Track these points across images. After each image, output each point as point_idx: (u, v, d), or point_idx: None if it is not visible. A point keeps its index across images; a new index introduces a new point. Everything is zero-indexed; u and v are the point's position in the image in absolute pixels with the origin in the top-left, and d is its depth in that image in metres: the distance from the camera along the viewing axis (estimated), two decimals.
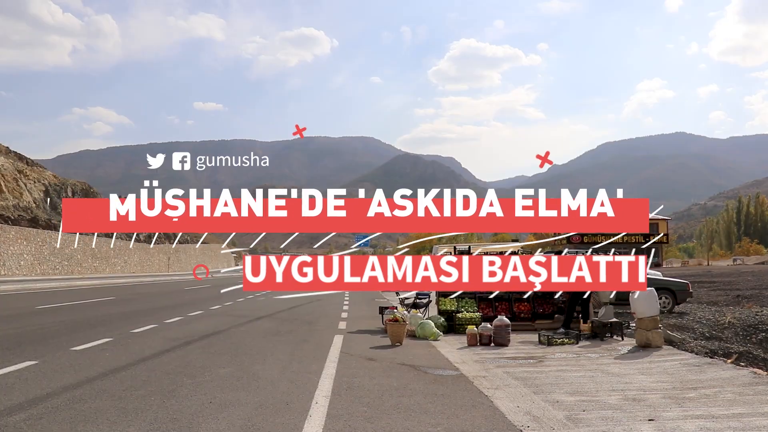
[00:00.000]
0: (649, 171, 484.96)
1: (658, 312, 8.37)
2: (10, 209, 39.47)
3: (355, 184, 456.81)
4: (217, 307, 14.48)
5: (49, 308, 13.52)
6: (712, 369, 6.57)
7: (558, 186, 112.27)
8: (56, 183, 51.49)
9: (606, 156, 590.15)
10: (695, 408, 4.78)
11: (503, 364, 7.01)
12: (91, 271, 39.24)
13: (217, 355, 7.32)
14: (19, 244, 32.21)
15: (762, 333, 9.00)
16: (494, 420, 4.43)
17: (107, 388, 5.31)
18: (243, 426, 4.20)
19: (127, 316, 12.04)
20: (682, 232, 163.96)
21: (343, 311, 14.60)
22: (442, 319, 10.08)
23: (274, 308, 15.00)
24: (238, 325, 10.83)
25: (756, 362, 7.15)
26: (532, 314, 10.62)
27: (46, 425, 4.14)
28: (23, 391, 5.13)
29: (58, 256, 36.08)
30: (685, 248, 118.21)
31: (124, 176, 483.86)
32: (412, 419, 4.39)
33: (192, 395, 5.08)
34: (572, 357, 7.52)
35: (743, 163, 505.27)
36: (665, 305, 13.08)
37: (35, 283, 25.28)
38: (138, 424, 4.20)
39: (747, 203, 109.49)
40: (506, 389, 5.50)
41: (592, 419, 4.47)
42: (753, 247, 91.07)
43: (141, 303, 15.57)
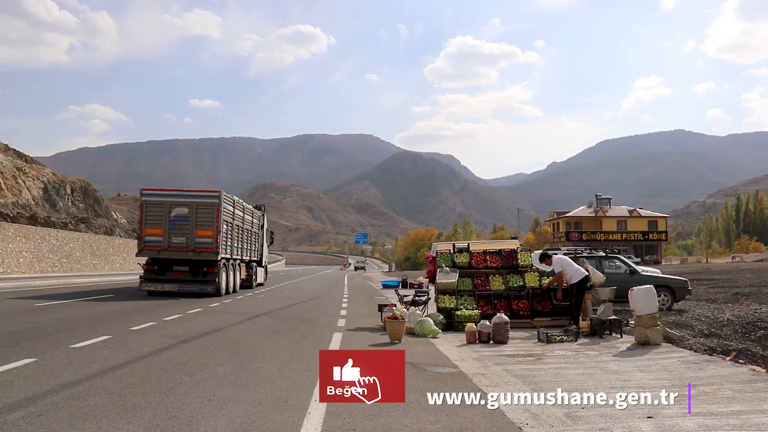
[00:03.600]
0: (648, 169, 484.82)
1: (657, 309, 8.38)
2: (9, 206, 39.43)
3: (355, 181, 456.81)
4: (216, 305, 14.48)
5: (48, 306, 13.52)
6: (711, 366, 6.58)
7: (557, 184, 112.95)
8: (55, 180, 51.41)
9: (605, 154, 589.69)
10: (694, 405, 4.78)
11: (502, 361, 7.01)
12: (90, 269, 39.21)
13: (216, 352, 7.32)
14: (18, 242, 32.19)
15: (761, 330, 9.01)
16: (493, 417, 4.43)
17: (106, 385, 5.31)
18: (242, 423, 4.20)
19: (126, 313, 12.04)
20: (681, 229, 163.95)
21: (342, 309, 14.60)
22: (441, 317, 10.08)
23: (274, 306, 15.01)
24: (237, 322, 10.83)
25: (755, 359, 7.16)
26: (532, 312, 10.62)
27: (45, 422, 4.14)
28: (22, 388, 5.12)
29: (57, 253, 36.05)
30: (684, 246, 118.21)
31: (124, 174, 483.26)
32: (410, 417, 4.40)
33: (191, 393, 5.08)
34: (571, 354, 7.53)
35: (742, 160, 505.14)
36: (664, 303, 13.09)
37: (34, 280, 25.26)
38: (137, 422, 4.20)
39: (746, 201, 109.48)
40: (505, 386, 5.50)
41: (591, 417, 4.47)
42: (752, 244, 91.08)
43: (140, 300, 15.57)
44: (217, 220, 17.54)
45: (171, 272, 17.53)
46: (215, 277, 17.60)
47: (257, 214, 24.46)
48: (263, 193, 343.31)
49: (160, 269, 17.55)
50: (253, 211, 23.51)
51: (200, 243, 17.45)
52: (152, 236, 17.45)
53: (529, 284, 10.91)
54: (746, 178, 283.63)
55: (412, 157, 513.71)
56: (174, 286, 17.38)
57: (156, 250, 17.38)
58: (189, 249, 17.41)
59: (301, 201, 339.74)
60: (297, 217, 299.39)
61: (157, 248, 17.36)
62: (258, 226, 24.42)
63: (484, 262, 11.44)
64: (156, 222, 17.46)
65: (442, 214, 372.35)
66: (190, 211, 17.53)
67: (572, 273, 10.05)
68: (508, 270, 11.37)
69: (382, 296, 20.29)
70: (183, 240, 17.40)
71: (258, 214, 24.58)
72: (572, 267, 10.14)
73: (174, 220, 17.47)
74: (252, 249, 23.04)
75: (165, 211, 17.48)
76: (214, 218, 17.56)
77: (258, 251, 24.42)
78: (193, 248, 17.40)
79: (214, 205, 17.71)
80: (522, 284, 10.93)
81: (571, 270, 10.08)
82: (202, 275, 17.51)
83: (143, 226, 17.72)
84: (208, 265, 17.56)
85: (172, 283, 17.43)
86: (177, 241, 17.37)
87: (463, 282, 11.03)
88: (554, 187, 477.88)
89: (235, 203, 20.13)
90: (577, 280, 9.99)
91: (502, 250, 11.76)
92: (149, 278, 17.58)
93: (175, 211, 17.53)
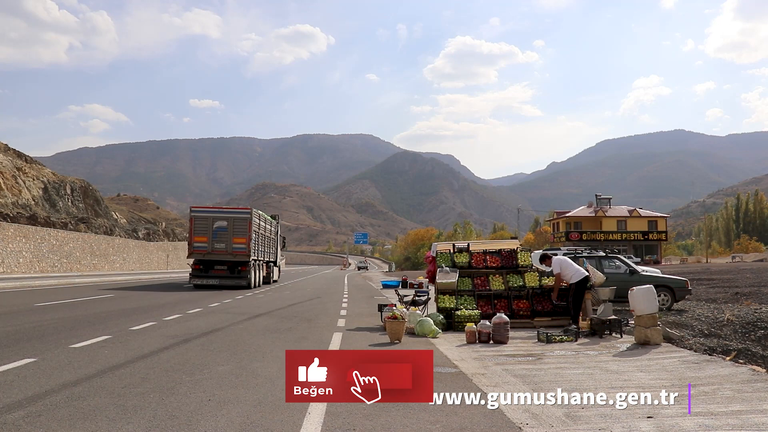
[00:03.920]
0: (648, 168, 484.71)
1: (657, 309, 8.38)
2: (8, 206, 39.42)
3: (355, 181, 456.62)
4: (216, 305, 14.48)
5: (48, 305, 13.51)
6: (711, 366, 6.58)
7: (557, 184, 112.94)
8: (55, 180, 51.39)
9: (604, 153, 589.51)
10: (694, 405, 4.78)
11: (502, 361, 7.01)
12: (90, 269, 39.21)
13: (216, 352, 7.31)
14: (18, 242, 32.18)
15: (761, 330, 9.02)
16: (493, 417, 4.43)
17: (106, 385, 5.31)
18: (242, 423, 4.20)
19: (126, 313, 12.03)
20: (681, 229, 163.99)
21: (342, 309, 14.60)
22: (441, 317, 10.08)
23: (273, 306, 15.01)
24: (237, 322, 10.82)
25: (755, 359, 7.17)
26: (531, 312, 10.63)
27: (45, 422, 4.14)
28: (22, 388, 5.12)
29: (57, 253, 36.05)
30: (684, 245, 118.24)
31: (124, 174, 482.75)
32: (410, 416, 4.40)
33: (191, 393, 5.08)
34: (571, 354, 7.53)
35: (742, 160, 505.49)
36: (664, 302, 13.09)
37: (34, 280, 25.24)
38: (137, 422, 4.20)
39: (746, 200, 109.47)
40: (505, 386, 5.50)
41: (591, 416, 4.47)
42: (752, 244, 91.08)
43: (140, 300, 15.57)
44: (248, 230, 22.46)
45: (213, 270, 22.31)
46: (247, 274, 22.41)
47: (273, 223, 29.05)
48: (263, 192, 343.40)
49: (204, 268, 22.30)
50: (271, 221, 28.20)
51: (236, 248, 22.25)
52: (199, 243, 22.26)
53: (529, 284, 10.91)
54: (746, 177, 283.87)
55: (412, 156, 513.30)
56: (216, 281, 22.15)
57: (202, 254, 22.25)
58: (227, 252, 22.19)
59: (300, 201, 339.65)
60: (297, 216, 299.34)
61: (203, 252, 22.22)
62: (274, 233, 29.11)
63: (484, 262, 11.45)
64: (202, 232, 22.25)
65: (442, 214, 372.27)
66: (228, 224, 22.45)
67: (572, 273, 10.06)
68: (508, 270, 11.37)
69: (382, 296, 20.29)
70: (223, 246, 22.22)
71: (274, 223, 29.17)
72: (571, 268, 10.15)
73: (216, 230, 22.32)
74: (270, 252, 27.58)
75: (209, 224, 22.37)
76: (247, 229, 22.47)
77: (274, 253, 29.05)
78: (230, 252, 22.20)
79: (247, 219, 22.64)
80: (522, 284, 10.93)
81: (571, 270, 10.10)
82: (237, 273, 22.29)
83: (192, 235, 22.44)
84: (242, 265, 22.37)
85: (214, 279, 22.21)
86: (218, 247, 22.23)
87: (463, 282, 11.03)
88: (554, 187, 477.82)
89: (261, 216, 24.96)
90: (576, 280, 10.00)
91: (502, 250, 11.76)
92: (197, 275, 22.29)
93: (217, 224, 22.45)
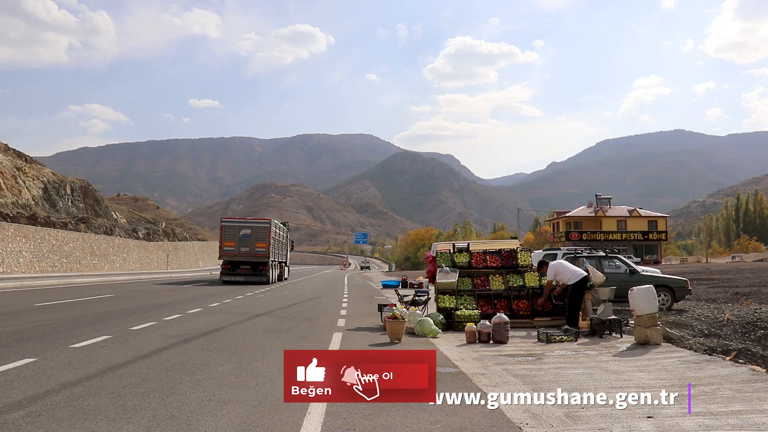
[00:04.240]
0: (648, 168, 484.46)
1: (657, 309, 8.38)
2: (8, 206, 39.41)
3: (355, 181, 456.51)
4: (216, 305, 14.48)
5: (48, 305, 13.51)
6: (711, 366, 6.58)
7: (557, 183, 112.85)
8: (55, 180, 51.38)
9: (604, 153, 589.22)
10: (694, 405, 4.78)
11: (502, 361, 7.01)
12: (90, 269, 39.19)
13: (216, 352, 7.32)
14: (17, 242, 32.18)
15: (761, 330, 9.02)
16: (493, 417, 4.43)
17: (106, 385, 5.31)
18: (242, 423, 4.20)
19: (126, 313, 12.03)
20: (681, 229, 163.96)
21: (342, 309, 14.60)
22: (441, 317, 10.07)
23: (273, 306, 15.01)
24: (237, 322, 10.83)
25: (755, 359, 7.17)
26: (531, 312, 10.62)
27: (45, 422, 4.14)
28: (22, 388, 5.12)
29: (56, 253, 36.04)
30: (683, 245, 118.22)
31: (124, 174, 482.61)
32: (410, 416, 4.40)
33: (191, 393, 5.08)
34: (571, 354, 7.53)
35: (742, 160, 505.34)
36: (664, 302, 13.09)
37: (34, 280, 25.24)
38: (137, 422, 4.20)
39: (746, 200, 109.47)
40: (505, 386, 5.50)
41: (591, 416, 4.47)
42: (752, 244, 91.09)
43: (140, 300, 15.57)
44: (268, 237, 28.20)
45: (239, 269, 27.78)
46: (267, 272, 27.93)
47: (285, 229, 34.76)
48: (263, 192, 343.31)
49: (232, 267, 27.81)
50: (284, 228, 34.21)
51: (258, 251, 27.82)
52: (228, 247, 27.87)
53: (529, 284, 10.90)
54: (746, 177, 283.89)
55: (412, 156, 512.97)
56: (241, 278, 27.51)
57: (230, 256, 27.85)
58: (251, 255, 27.76)
59: (300, 201, 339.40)
60: (297, 216, 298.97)
61: (231, 254, 27.84)
62: (286, 238, 35.00)
63: (484, 262, 11.44)
64: (230, 238, 27.91)
65: (442, 214, 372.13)
66: (252, 232, 28.15)
67: (569, 275, 9.96)
68: (508, 270, 11.37)
69: (382, 296, 20.29)
70: (247, 249, 27.79)
71: (285, 229, 34.83)
72: (568, 270, 10.03)
73: (241, 237, 27.87)
74: (283, 253, 33.31)
75: (236, 232, 28.08)
76: (267, 236, 28.19)
77: (286, 255, 35.09)
78: (253, 254, 27.76)
79: (267, 227, 28.61)
80: (522, 284, 10.93)
81: (568, 273, 9.99)
82: (258, 271, 27.79)
83: (222, 240, 28.11)
84: (262, 265, 27.91)
85: (240, 276, 27.61)
86: (243, 250, 27.78)
87: (463, 282, 11.03)
88: (554, 187, 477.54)
89: (277, 225, 30.96)
90: (574, 282, 9.92)
91: (501, 249, 11.75)
92: (225, 273, 27.93)
93: (242, 232, 28.11)
